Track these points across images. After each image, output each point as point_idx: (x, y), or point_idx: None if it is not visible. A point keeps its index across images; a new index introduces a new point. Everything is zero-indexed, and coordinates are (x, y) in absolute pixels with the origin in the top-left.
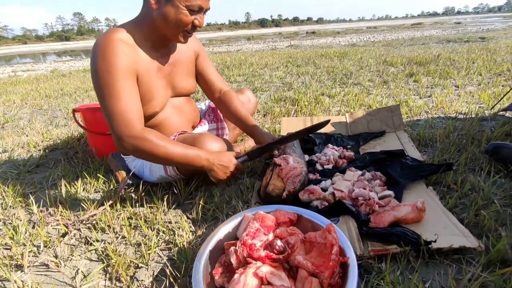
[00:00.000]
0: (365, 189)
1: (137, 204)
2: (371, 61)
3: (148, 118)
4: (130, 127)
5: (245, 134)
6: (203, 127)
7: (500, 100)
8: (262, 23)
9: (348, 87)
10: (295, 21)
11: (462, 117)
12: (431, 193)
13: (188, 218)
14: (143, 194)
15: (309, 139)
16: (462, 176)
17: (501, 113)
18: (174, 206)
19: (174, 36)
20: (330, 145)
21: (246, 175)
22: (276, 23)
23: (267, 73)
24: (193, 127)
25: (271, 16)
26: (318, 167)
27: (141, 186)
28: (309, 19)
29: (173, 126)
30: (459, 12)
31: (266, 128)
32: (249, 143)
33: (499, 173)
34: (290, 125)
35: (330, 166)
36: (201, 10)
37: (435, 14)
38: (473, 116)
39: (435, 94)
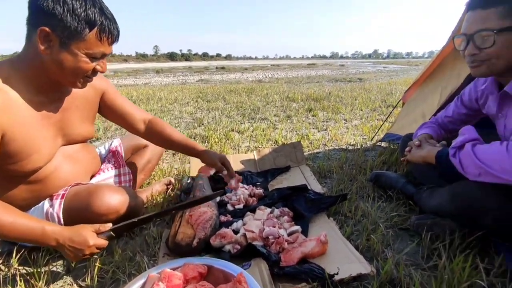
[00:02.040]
0: (274, 227)
1: (10, 278)
2: (275, 97)
3: (28, 174)
4: None
5: (152, 177)
6: (104, 175)
7: (376, 133)
8: (172, 56)
9: (256, 122)
10: (205, 56)
11: (352, 148)
12: (332, 224)
13: (80, 286)
14: (17, 264)
15: (219, 179)
16: (355, 203)
17: (378, 143)
18: (62, 273)
19: (70, 83)
20: (240, 184)
21: (153, 224)
22: (186, 57)
23: (176, 109)
24: (93, 176)
25: (181, 50)
26: (229, 207)
27: (14, 253)
28: (218, 55)
29: (65, 178)
30: (342, 57)
31: (175, 168)
32: (157, 188)
33: (381, 198)
34: (200, 165)
35: (241, 206)
36: (104, 56)
37: (324, 57)
38: (359, 147)
39: (330, 127)
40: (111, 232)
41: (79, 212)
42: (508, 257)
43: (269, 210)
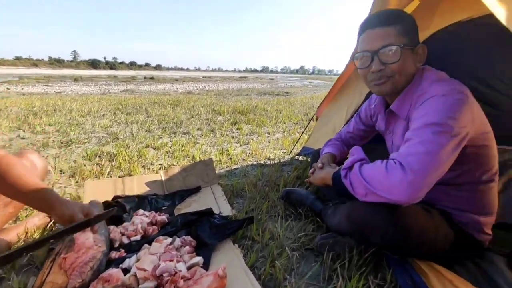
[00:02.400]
0: (172, 260)
1: None
2: (201, 110)
3: None
4: None
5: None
6: None
7: (294, 146)
8: (94, 64)
9: (177, 137)
10: (132, 65)
11: (270, 162)
12: (236, 251)
13: None
14: None
15: (116, 205)
16: (264, 225)
17: (296, 157)
18: None
19: None
20: (140, 210)
21: (16, 274)
22: (111, 65)
23: (89, 122)
24: None
25: (105, 58)
26: (125, 240)
27: None
28: (147, 64)
29: None
30: (272, 71)
31: (67, 194)
32: (34, 221)
33: (292, 216)
34: (97, 189)
35: (138, 237)
36: None
37: (255, 71)
38: (277, 162)
39: (252, 141)
40: None
41: None
42: (397, 270)
43: (169, 240)
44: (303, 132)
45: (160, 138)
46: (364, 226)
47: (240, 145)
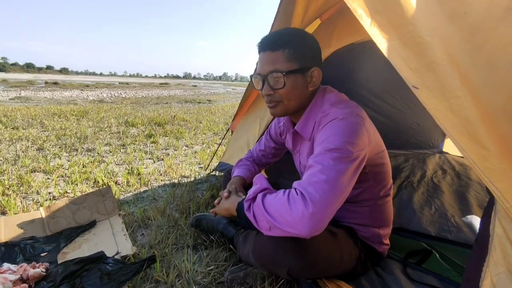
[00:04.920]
0: None
1: None
2: (112, 121)
3: None
4: None
5: None
6: None
7: (211, 160)
8: None
9: (78, 155)
10: (29, 67)
11: (185, 180)
12: None
13: None
14: None
15: None
16: (170, 261)
17: (212, 173)
18: None
19: None
20: (5, 265)
21: None
22: (0, 67)
23: None
24: None
25: None
26: None
27: None
28: (49, 67)
29: None
30: (194, 77)
31: None
32: None
33: (203, 245)
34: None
35: None
36: None
37: (177, 77)
38: (192, 179)
39: (167, 157)
40: None
41: None
42: None
43: None
44: (219, 145)
45: (55, 158)
46: (270, 263)
47: (154, 162)
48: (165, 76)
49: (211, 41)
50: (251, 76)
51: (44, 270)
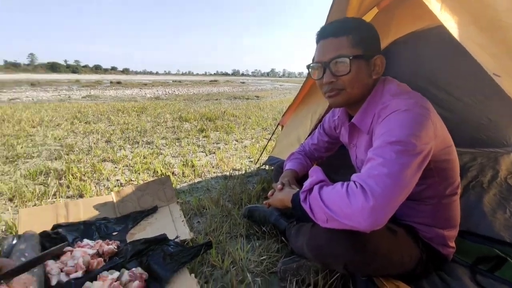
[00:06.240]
0: None
1: None
2: (168, 117)
3: None
4: None
5: None
6: None
7: (260, 155)
8: (53, 67)
9: (139, 147)
10: (97, 69)
11: (236, 173)
12: (193, 283)
13: None
14: None
15: (56, 236)
16: (225, 248)
17: (262, 167)
18: None
19: None
20: (85, 240)
21: None
22: (73, 69)
23: (40, 133)
24: None
25: (66, 61)
26: (63, 277)
27: None
28: (113, 68)
29: None
30: (243, 74)
31: (3, 222)
32: None
33: (255, 236)
34: (34, 218)
35: (79, 274)
36: None
37: (226, 74)
38: (243, 172)
39: (219, 150)
40: None
41: None
42: None
43: (116, 275)
44: (269, 140)
45: (121, 149)
46: (326, 256)
47: (206, 155)
48: (214, 74)
49: (259, 38)
50: (308, 66)
51: (116, 247)
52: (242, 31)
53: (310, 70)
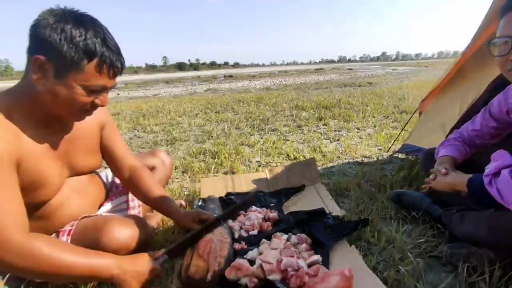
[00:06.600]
0: (292, 256)
1: None
2: (285, 106)
3: (37, 207)
4: (4, 236)
5: None
6: (111, 203)
7: (393, 143)
8: (180, 66)
9: (266, 134)
10: (213, 65)
11: (367, 160)
12: (355, 253)
13: None
14: None
15: (230, 201)
16: (377, 227)
17: (395, 155)
18: None
19: (67, 115)
20: (253, 207)
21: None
22: (195, 67)
23: (185, 121)
24: (101, 205)
25: (189, 60)
26: (243, 233)
27: None
28: (226, 63)
29: (72, 212)
30: (350, 60)
31: (185, 188)
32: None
33: (406, 220)
34: (211, 186)
35: (255, 232)
36: (105, 89)
37: (332, 61)
38: (375, 159)
39: (342, 137)
40: (166, 256)
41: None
42: None
43: (285, 237)
44: (403, 128)
45: (251, 135)
46: None
47: (331, 142)
48: (319, 62)
49: (365, 20)
50: (488, 42)
51: (277, 216)
52: (344, 15)
53: (490, 46)
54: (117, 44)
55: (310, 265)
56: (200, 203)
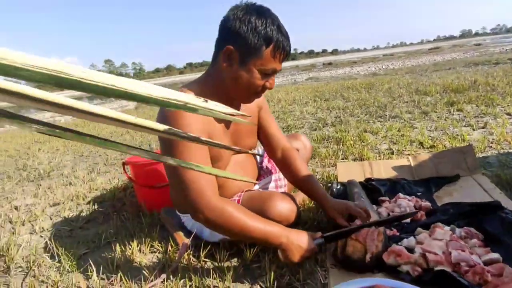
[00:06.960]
0: (464, 251)
1: (201, 270)
2: (401, 91)
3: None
4: (206, 198)
5: None
6: (264, 181)
7: None
8: None
9: (387, 121)
10: (311, 53)
11: None
12: None
13: (261, 287)
14: (203, 257)
15: (373, 188)
16: None
17: None
18: (241, 270)
19: (242, 98)
20: (400, 194)
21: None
22: (293, 56)
23: (297, 109)
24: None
25: None
26: None
27: (202, 248)
28: (324, 51)
29: (238, 184)
30: (477, 34)
31: (317, 173)
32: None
33: None
34: (347, 171)
35: (407, 220)
36: (275, 72)
37: (451, 38)
38: None
39: (489, 124)
40: (323, 240)
41: None
42: None
43: (448, 228)
44: None
45: (371, 122)
46: None
47: (473, 129)
48: (434, 40)
49: None
50: None
51: (430, 205)
52: None
53: None
54: (287, 31)
55: (487, 263)
56: (338, 187)
